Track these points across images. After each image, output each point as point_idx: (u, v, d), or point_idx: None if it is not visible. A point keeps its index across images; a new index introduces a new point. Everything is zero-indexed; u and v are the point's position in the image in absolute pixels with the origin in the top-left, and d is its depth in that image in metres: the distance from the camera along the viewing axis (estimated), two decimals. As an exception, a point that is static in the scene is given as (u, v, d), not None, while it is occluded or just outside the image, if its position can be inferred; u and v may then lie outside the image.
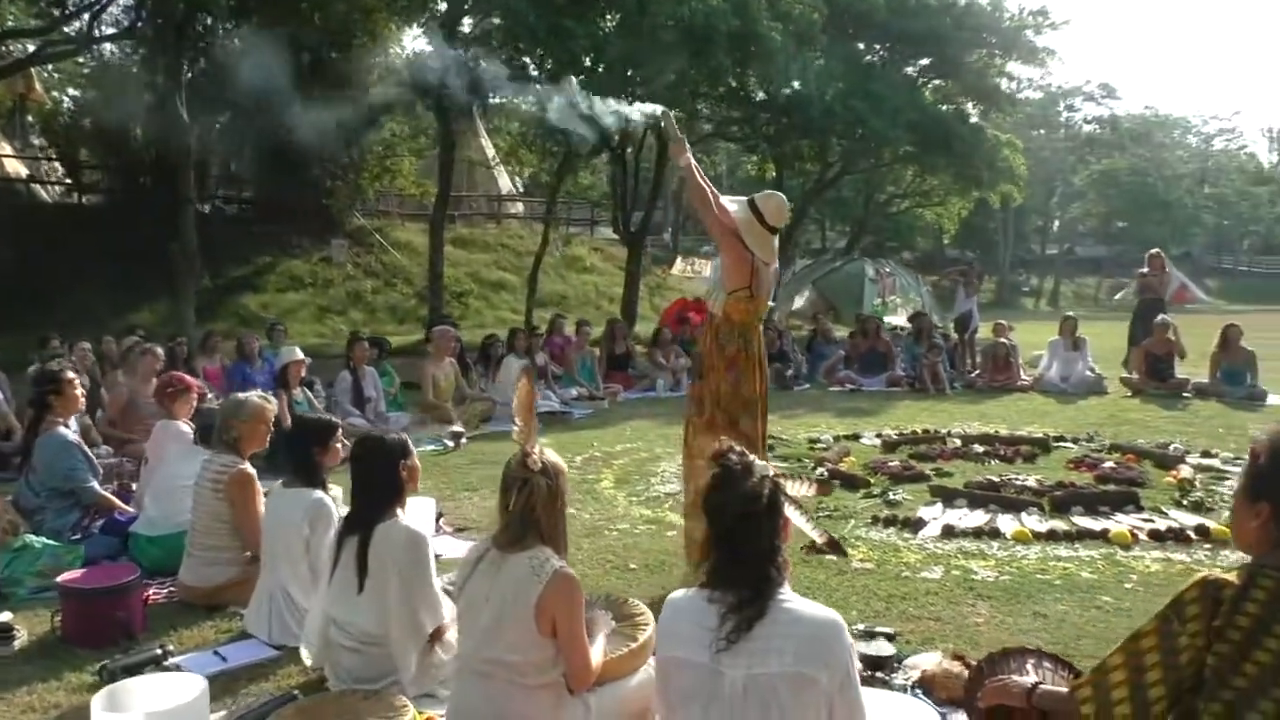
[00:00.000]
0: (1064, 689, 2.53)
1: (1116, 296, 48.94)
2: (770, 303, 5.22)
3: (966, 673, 3.27)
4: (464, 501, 6.28)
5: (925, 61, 23.50)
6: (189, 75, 15.49)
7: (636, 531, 5.47)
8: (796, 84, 17.97)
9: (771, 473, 2.36)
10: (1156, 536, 5.10)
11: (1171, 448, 7.47)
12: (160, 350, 7.79)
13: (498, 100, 18.84)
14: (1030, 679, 2.65)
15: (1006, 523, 5.37)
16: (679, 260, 27.34)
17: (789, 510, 2.43)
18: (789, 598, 2.29)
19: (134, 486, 5.88)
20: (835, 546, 3.34)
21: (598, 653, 2.88)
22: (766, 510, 2.31)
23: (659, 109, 4.51)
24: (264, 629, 3.84)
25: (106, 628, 3.80)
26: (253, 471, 4.32)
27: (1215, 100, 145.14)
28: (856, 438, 8.42)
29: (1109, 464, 6.83)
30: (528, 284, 18.92)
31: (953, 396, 11.38)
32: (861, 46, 22.33)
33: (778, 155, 21.65)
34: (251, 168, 21.11)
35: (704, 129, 21.56)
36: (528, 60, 17.06)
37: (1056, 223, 60.36)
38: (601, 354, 12.09)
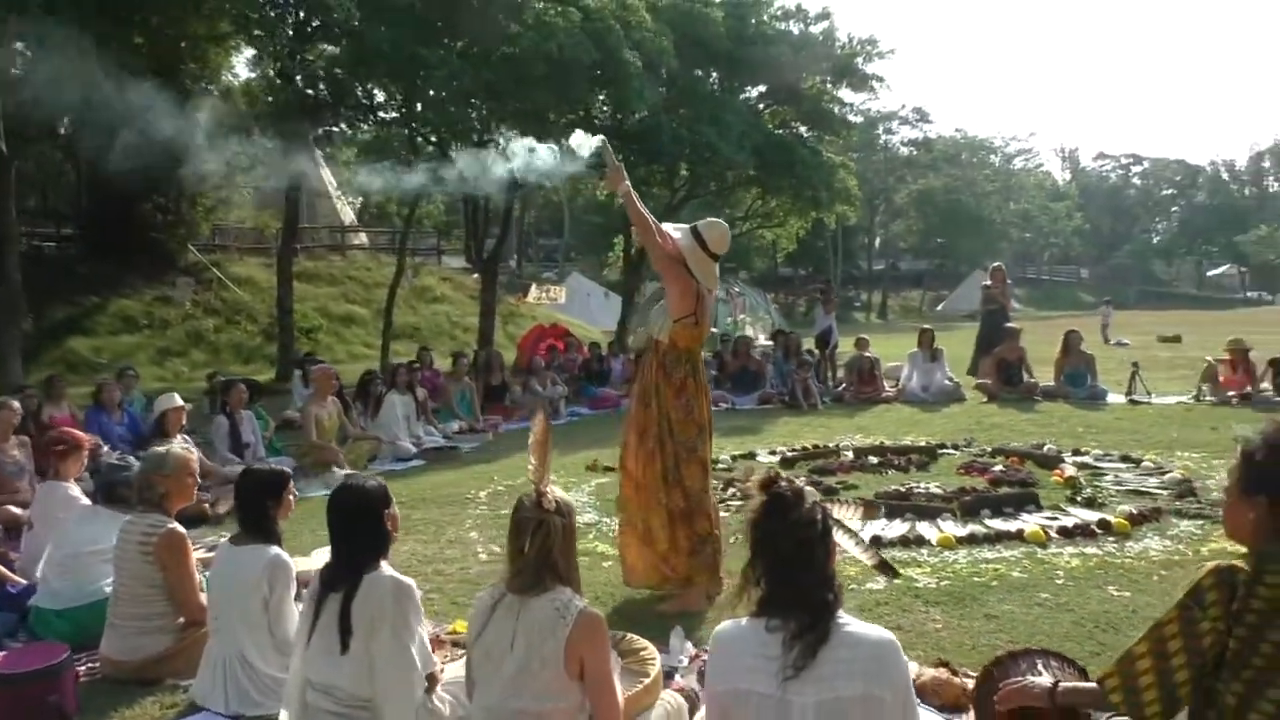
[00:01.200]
0: (1088, 683, 2.66)
1: (939, 308, 52.14)
2: (713, 328, 5.28)
3: (956, 678, 3.39)
4: (379, 546, 6.00)
5: (763, 88, 24.41)
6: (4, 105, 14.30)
7: (573, 564, 5.37)
8: (645, 110, 18.28)
9: (819, 497, 2.39)
10: (1065, 533, 5.43)
11: (1046, 448, 7.97)
12: (16, 404, 7.14)
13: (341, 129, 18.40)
14: (1048, 678, 2.75)
15: (927, 530, 5.60)
16: (534, 288, 27.22)
17: (837, 534, 2.46)
18: (847, 620, 2.32)
19: (12, 555, 5.35)
20: (886, 568, 3.38)
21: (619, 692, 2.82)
22: (821, 535, 2.34)
23: (599, 138, 4.50)
24: (219, 700, 3.55)
25: (38, 714, 3.44)
26: (184, 531, 4.02)
27: (1014, 122, 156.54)
28: (752, 455, 8.59)
29: (998, 467, 7.23)
30: (383, 316, 18.40)
31: (824, 411, 11.76)
32: (700, 73, 22.93)
33: (626, 181, 21.86)
34: (73, 201, 19.72)
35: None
36: (373, 89, 16.71)
37: (879, 240, 63.66)
38: (478, 385, 11.87)
